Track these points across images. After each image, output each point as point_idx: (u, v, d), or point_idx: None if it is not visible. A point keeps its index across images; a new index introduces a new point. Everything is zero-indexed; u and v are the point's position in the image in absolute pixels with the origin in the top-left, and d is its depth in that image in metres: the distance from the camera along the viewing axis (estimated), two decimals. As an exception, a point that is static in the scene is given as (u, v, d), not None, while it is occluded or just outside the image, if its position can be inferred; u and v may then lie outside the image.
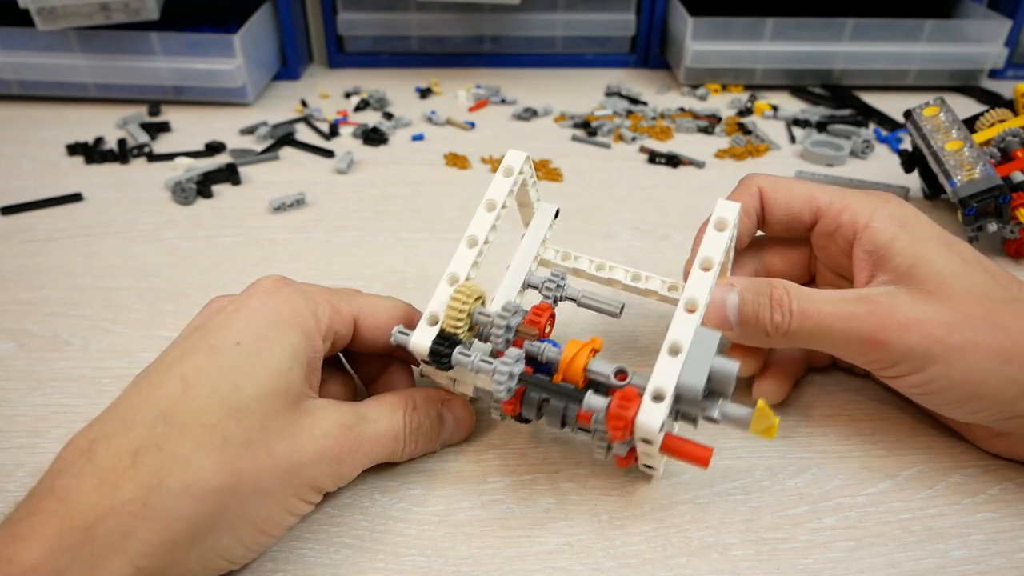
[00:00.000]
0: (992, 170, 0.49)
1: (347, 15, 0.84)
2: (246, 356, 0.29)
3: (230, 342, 0.29)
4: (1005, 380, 0.31)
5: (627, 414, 0.28)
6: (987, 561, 0.32)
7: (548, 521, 0.34)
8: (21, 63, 0.73)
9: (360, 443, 0.32)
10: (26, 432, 0.38)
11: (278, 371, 0.29)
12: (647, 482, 0.35)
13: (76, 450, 0.27)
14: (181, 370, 0.28)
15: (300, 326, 0.31)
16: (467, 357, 0.31)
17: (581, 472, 0.36)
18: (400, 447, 0.34)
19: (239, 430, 0.28)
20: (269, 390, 0.29)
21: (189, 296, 0.48)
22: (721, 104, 0.79)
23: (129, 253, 0.53)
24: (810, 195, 0.37)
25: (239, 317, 0.30)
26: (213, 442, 0.27)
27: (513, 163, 0.35)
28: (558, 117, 0.75)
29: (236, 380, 0.28)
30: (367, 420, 0.32)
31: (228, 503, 0.27)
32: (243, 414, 0.28)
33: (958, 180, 0.50)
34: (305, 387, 0.31)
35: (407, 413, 0.34)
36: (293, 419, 0.30)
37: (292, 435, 0.29)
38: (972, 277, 0.33)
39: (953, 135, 0.52)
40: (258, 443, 0.28)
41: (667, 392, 0.29)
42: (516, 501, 0.34)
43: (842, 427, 0.39)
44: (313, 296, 0.33)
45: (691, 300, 0.31)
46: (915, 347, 0.32)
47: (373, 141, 0.70)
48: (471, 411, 0.37)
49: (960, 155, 0.51)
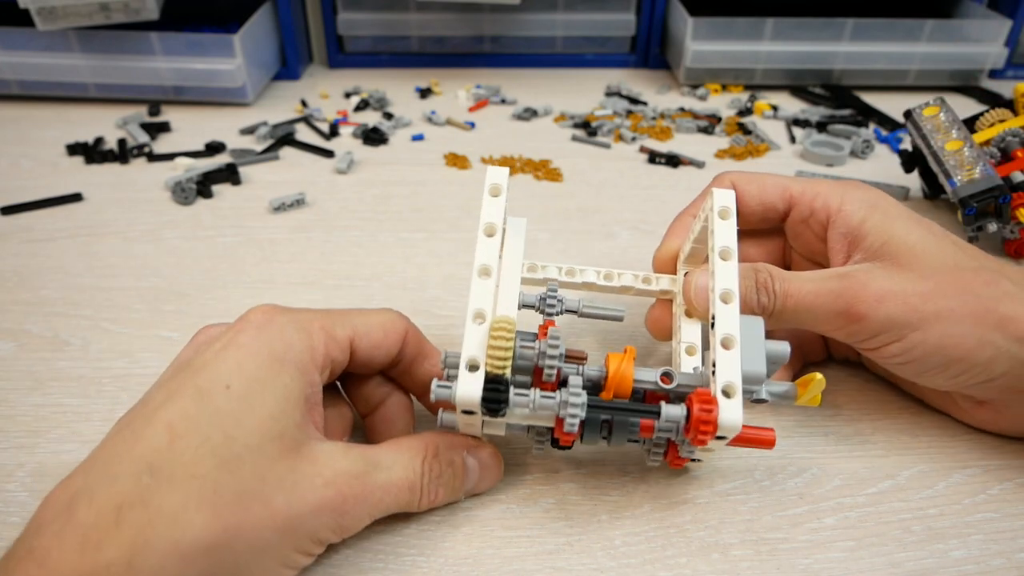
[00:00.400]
0: (992, 170, 0.49)
1: (347, 15, 0.84)
2: (237, 401, 0.27)
3: (219, 385, 0.27)
4: (980, 342, 0.33)
5: (713, 417, 0.28)
6: (987, 561, 0.32)
7: (548, 521, 0.34)
8: (21, 63, 0.73)
9: (368, 493, 0.29)
10: (26, 432, 0.38)
11: (272, 416, 0.27)
12: (647, 482, 0.35)
13: (56, 506, 0.25)
14: (167, 417, 0.26)
15: (294, 362, 0.29)
16: (526, 397, 0.29)
17: (581, 472, 0.36)
18: (416, 498, 0.31)
19: (232, 481, 0.26)
20: (263, 437, 0.27)
21: (189, 296, 0.48)
22: (721, 104, 0.79)
23: (129, 253, 0.53)
24: (782, 186, 0.39)
25: (228, 356, 0.28)
26: (203, 495, 0.25)
27: (499, 180, 0.33)
28: (558, 117, 0.75)
29: (227, 428, 0.26)
30: (379, 467, 0.30)
31: (221, 561, 0.25)
32: (236, 464, 0.26)
33: (958, 180, 0.50)
34: (303, 430, 0.29)
35: (426, 461, 0.31)
36: (291, 466, 0.27)
37: (291, 485, 0.27)
38: (943, 249, 0.35)
39: (953, 135, 0.52)
40: (253, 495, 0.26)
41: (736, 386, 0.29)
42: (516, 501, 0.34)
43: (842, 427, 0.39)
44: (306, 325, 0.30)
45: (725, 292, 0.31)
46: (893, 317, 0.33)
47: (373, 141, 0.70)
48: (499, 457, 0.34)
49: (960, 155, 0.51)
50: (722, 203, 0.33)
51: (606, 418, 0.30)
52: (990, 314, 0.33)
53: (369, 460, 0.30)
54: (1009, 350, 0.33)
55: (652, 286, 0.39)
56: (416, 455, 0.31)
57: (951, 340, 0.33)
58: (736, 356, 0.29)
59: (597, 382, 0.31)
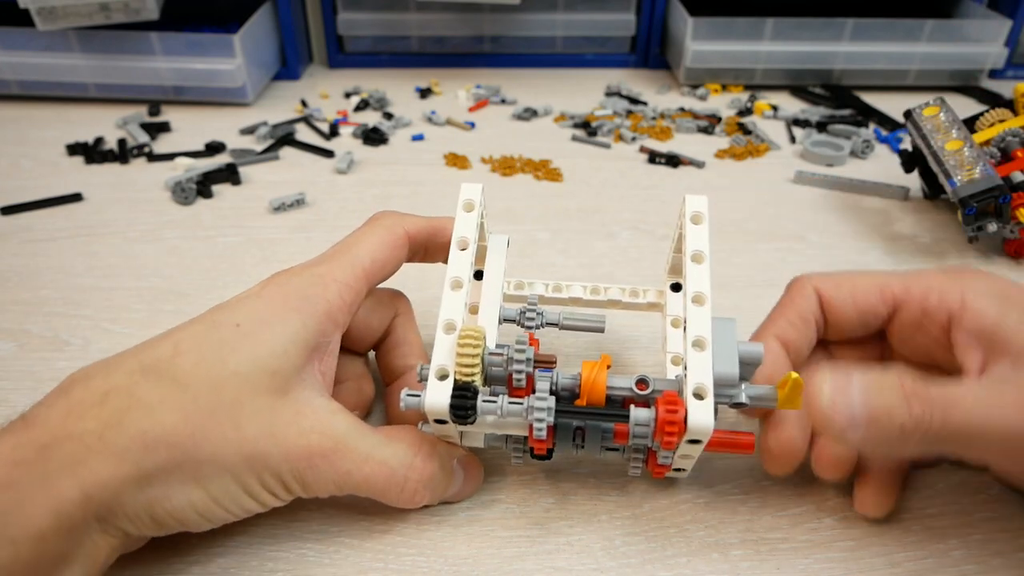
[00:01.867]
0: (992, 170, 0.49)
1: (347, 15, 0.84)
2: (241, 335, 0.29)
3: (231, 321, 0.30)
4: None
5: (679, 418, 0.28)
6: (987, 561, 0.32)
7: (548, 521, 0.34)
8: (21, 63, 0.73)
9: (338, 461, 0.29)
10: (26, 432, 0.38)
11: (271, 353, 0.29)
12: (647, 482, 0.35)
13: (59, 388, 0.28)
14: (177, 336, 0.29)
15: (307, 311, 0.31)
16: (493, 403, 0.29)
17: (581, 472, 0.36)
18: (396, 492, 0.31)
19: (211, 398, 0.28)
20: (255, 368, 0.29)
21: (189, 296, 0.48)
22: (721, 104, 0.79)
23: (129, 253, 0.53)
24: (880, 285, 0.34)
25: (247, 303, 0.31)
26: (181, 402, 0.27)
27: (472, 196, 0.35)
28: (558, 117, 0.75)
29: (223, 354, 0.29)
30: (360, 442, 0.30)
31: (181, 462, 0.27)
32: (220, 384, 0.28)
33: (958, 180, 0.50)
34: (300, 375, 0.30)
35: (419, 457, 0.31)
36: (272, 404, 0.29)
37: (266, 421, 0.28)
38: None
39: (953, 135, 0.52)
40: (225, 416, 0.28)
41: (707, 388, 0.28)
42: (516, 501, 0.34)
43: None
44: (323, 280, 0.32)
45: (698, 295, 0.31)
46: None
47: (373, 141, 0.70)
48: (481, 468, 0.35)
49: (960, 155, 0.51)
50: (694, 208, 0.34)
51: (579, 424, 0.30)
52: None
53: (355, 431, 0.30)
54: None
55: (639, 299, 0.39)
56: (409, 449, 0.31)
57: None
58: (708, 358, 0.29)
59: (572, 390, 0.31)
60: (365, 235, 0.35)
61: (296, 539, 0.33)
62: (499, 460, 0.36)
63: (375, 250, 0.34)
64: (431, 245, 0.37)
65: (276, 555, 0.32)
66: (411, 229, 0.36)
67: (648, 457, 0.32)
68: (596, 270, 0.51)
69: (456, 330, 0.30)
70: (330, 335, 0.32)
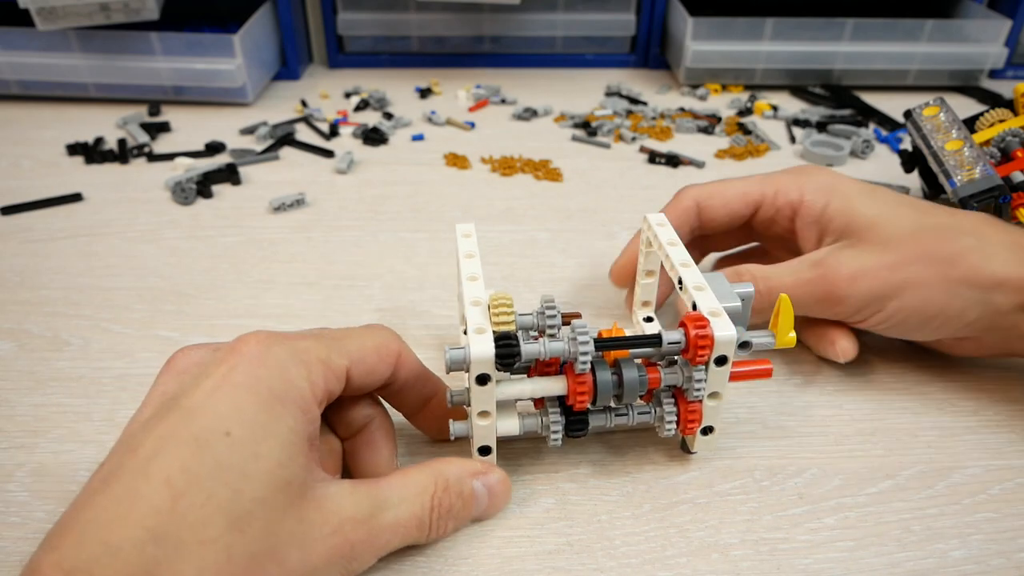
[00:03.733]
0: (992, 170, 0.49)
1: (347, 15, 0.84)
2: (240, 450, 0.25)
3: (219, 432, 0.25)
4: (950, 297, 0.36)
5: (708, 332, 0.30)
6: (987, 561, 0.32)
7: (548, 521, 0.34)
8: (21, 63, 0.73)
9: (376, 536, 0.28)
10: (26, 432, 0.38)
11: (280, 463, 0.25)
12: (647, 482, 0.35)
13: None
14: (164, 471, 0.23)
15: (296, 401, 0.27)
16: (536, 344, 0.30)
17: (581, 472, 0.36)
18: (425, 533, 0.30)
19: (244, 542, 0.24)
20: (271, 488, 0.25)
21: (189, 296, 0.48)
22: (721, 104, 0.79)
23: (129, 253, 0.53)
24: (742, 192, 0.42)
25: (224, 397, 0.25)
26: (218, 563, 0.23)
27: (468, 231, 0.37)
28: (558, 117, 0.75)
29: (233, 482, 0.24)
30: (386, 507, 0.29)
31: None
32: (246, 522, 0.24)
33: (958, 180, 0.50)
34: (309, 473, 0.27)
35: (436, 495, 0.30)
36: (300, 517, 0.26)
37: (301, 537, 0.26)
38: (900, 218, 0.38)
39: (953, 135, 0.52)
40: (267, 554, 0.24)
41: (720, 310, 0.31)
42: (516, 501, 0.34)
43: (842, 427, 0.39)
44: (304, 357, 0.28)
45: (684, 260, 0.35)
46: (869, 292, 0.37)
47: (373, 141, 0.70)
48: (508, 482, 0.33)
49: (960, 155, 0.51)
50: (655, 221, 0.38)
51: (614, 372, 0.32)
52: (954, 270, 0.36)
53: (376, 500, 0.29)
54: (977, 298, 0.36)
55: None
56: (425, 491, 0.30)
57: (924, 302, 0.36)
58: (711, 295, 0.32)
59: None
60: (358, 334, 0.31)
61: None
62: (500, 460, 0.36)
63: (365, 352, 0.30)
64: (410, 385, 0.33)
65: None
66: (404, 356, 0.32)
67: (680, 413, 0.33)
68: (596, 270, 0.51)
69: (483, 304, 0.32)
70: (319, 422, 0.29)
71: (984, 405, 0.40)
